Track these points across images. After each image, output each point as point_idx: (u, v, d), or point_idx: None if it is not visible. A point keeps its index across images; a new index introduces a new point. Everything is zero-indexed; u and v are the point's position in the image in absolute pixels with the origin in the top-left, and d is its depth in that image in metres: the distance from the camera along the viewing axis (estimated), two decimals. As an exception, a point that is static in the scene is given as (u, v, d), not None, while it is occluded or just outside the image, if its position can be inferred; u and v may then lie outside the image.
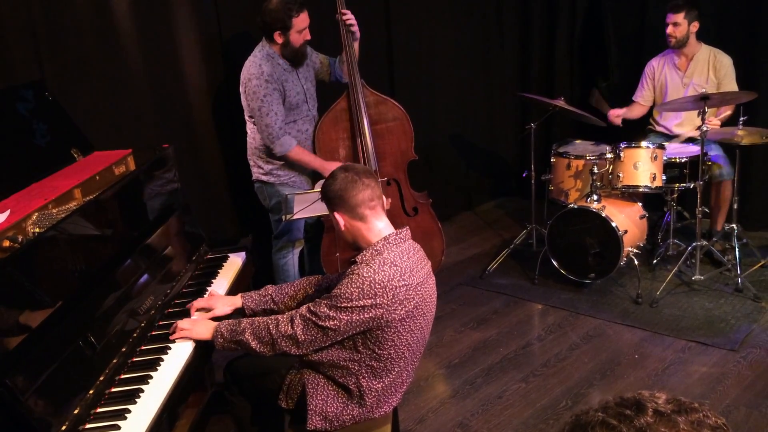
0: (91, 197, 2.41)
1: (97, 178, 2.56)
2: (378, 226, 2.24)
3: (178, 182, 3.06)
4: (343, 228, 2.27)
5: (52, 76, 3.26)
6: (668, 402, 0.99)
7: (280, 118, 3.56)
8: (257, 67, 3.51)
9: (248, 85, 3.53)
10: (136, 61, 3.61)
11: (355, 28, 3.75)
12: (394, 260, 2.14)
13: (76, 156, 2.76)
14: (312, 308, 2.15)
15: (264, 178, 3.72)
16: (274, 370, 2.40)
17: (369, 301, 2.08)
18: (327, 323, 2.11)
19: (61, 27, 3.31)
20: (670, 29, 4.33)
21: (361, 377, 2.21)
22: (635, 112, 4.65)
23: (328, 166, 3.65)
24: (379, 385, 2.23)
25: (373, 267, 2.11)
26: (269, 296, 2.55)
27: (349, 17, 3.73)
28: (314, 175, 3.80)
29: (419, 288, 2.18)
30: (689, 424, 0.95)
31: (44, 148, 2.66)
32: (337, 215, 2.25)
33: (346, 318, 2.10)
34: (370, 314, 2.10)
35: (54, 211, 2.24)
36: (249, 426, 2.59)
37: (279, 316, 2.23)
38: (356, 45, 3.79)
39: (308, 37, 3.60)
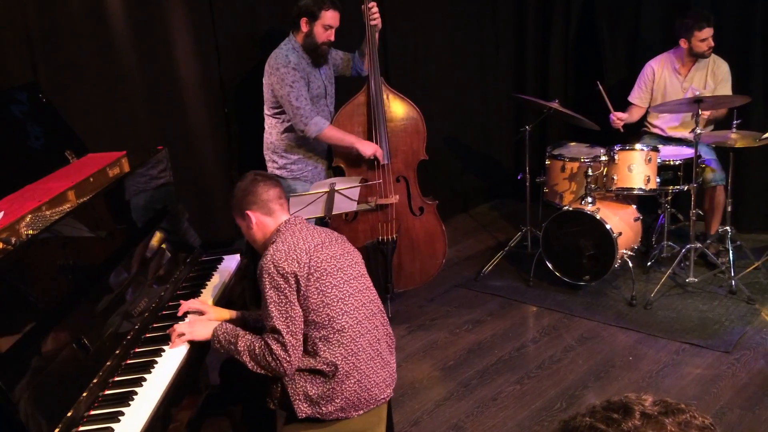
0: (84, 199, 2.40)
1: (91, 180, 2.55)
2: (284, 218, 2.42)
3: (173, 184, 3.06)
4: (254, 227, 2.43)
5: (46, 77, 3.25)
6: (655, 404, 0.99)
7: (310, 102, 3.64)
8: (284, 58, 3.60)
9: (275, 74, 3.60)
10: (130, 62, 3.61)
11: (379, 21, 3.83)
12: (285, 239, 2.31)
13: (70, 158, 2.75)
14: (268, 332, 2.26)
15: (278, 172, 3.79)
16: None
17: (280, 280, 2.23)
18: (282, 309, 2.23)
19: (55, 29, 3.30)
20: (710, 42, 4.27)
21: (321, 351, 2.28)
22: (634, 115, 4.64)
23: (364, 142, 3.76)
24: (341, 351, 2.29)
25: (268, 255, 2.27)
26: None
27: (375, 11, 3.79)
28: (329, 172, 3.89)
29: (317, 249, 2.31)
30: (676, 425, 0.95)
31: (38, 150, 2.66)
32: (249, 214, 2.41)
33: (282, 296, 2.24)
34: (290, 282, 2.24)
35: (48, 213, 2.23)
36: (244, 428, 2.59)
37: (260, 341, 2.28)
38: (377, 36, 3.86)
39: (332, 38, 3.67)
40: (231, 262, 3.00)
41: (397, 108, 3.95)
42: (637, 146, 4.08)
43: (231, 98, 4.10)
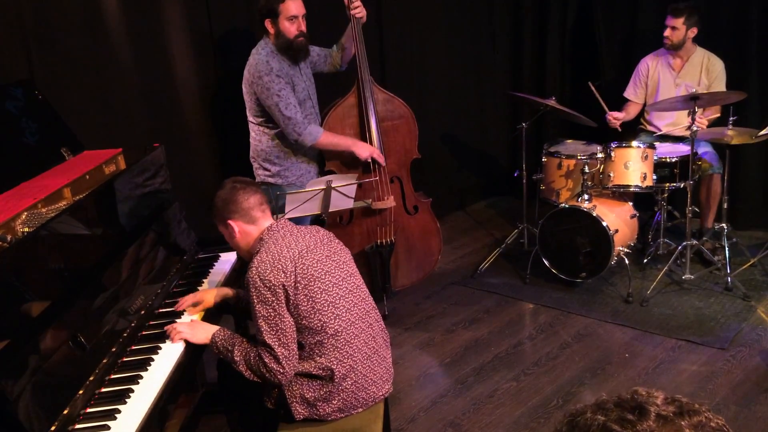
0: (80, 196, 2.40)
1: (87, 177, 2.55)
2: (266, 225, 2.38)
3: (169, 181, 3.05)
4: (237, 236, 2.39)
5: (41, 74, 3.24)
6: (668, 403, 0.96)
7: (300, 109, 3.52)
8: (265, 64, 3.44)
9: (258, 83, 3.44)
10: (126, 59, 3.60)
11: (363, 13, 3.72)
12: (268, 248, 2.27)
13: (65, 155, 2.74)
14: (260, 345, 2.26)
15: (271, 180, 3.67)
16: None
17: (267, 293, 2.20)
18: (274, 321, 2.21)
19: (51, 25, 3.29)
20: (667, 32, 4.36)
21: (316, 356, 2.28)
22: (631, 112, 4.67)
23: (360, 144, 3.70)
24: (336, 354, 2.28)
25: (253, 267, 2.23)
26: None
27: (357, 3, 3.67)
28: (321, 174, 3.84)
29: (302, 255, 2.27)
30: (692, 427, 0.92)
31: (34, 147, 2.65)
32: (231, 223, 2.37)
33: (271, 309, 2.21)
34: (277, 294, 2.20)
35: (43, 210, 2.23)
36: (241, 426, 2.59)
37: (255, 351, 2.29)
38: (361, 30, 3.75)
39: (302, 29, 3.51)
40: (227, 260, 3.00)
41: (388, 108, 3.88)
42: (634, 143, 4.08)
43: (227, 95, 4.09)
